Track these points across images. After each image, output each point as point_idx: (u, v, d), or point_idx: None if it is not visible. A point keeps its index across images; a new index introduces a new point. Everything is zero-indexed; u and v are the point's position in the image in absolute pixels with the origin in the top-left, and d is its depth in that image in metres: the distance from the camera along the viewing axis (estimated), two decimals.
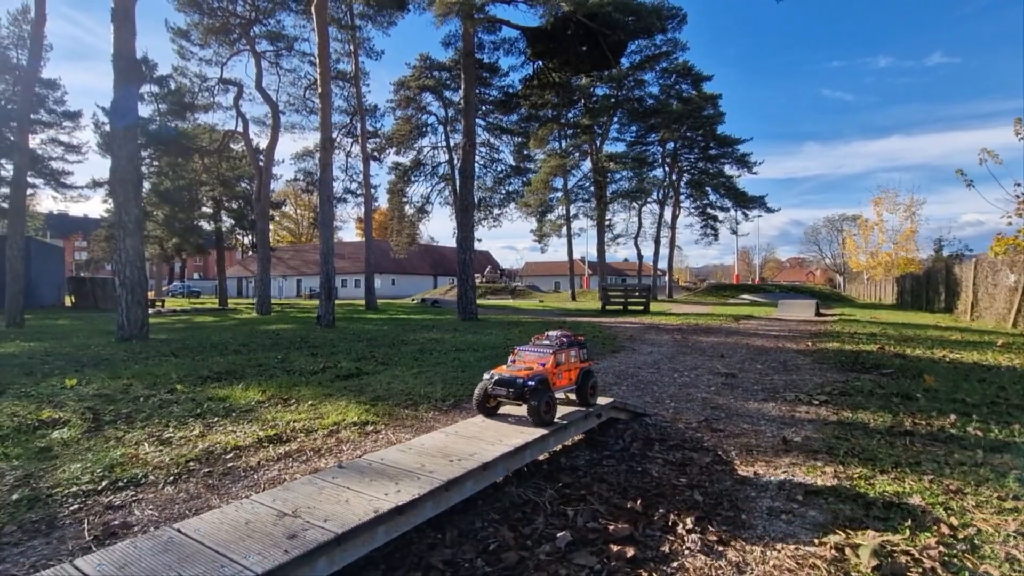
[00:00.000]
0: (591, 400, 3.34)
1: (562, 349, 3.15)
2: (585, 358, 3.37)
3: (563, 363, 3.13)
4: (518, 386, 2.88)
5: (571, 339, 3.31)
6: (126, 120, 9.52)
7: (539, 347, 3.20)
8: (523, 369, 3.00)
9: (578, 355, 3.29)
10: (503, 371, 3.03)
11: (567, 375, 3.17)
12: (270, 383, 5.07)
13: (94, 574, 1.43)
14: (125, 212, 9.50)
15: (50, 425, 3.61)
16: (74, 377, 5.19)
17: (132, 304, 9.46)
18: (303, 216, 55.90)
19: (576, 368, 3.26)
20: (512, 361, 3.21)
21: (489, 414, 3.14)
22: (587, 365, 3.38)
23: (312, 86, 23.80)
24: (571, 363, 3.21)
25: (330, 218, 13.33)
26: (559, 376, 3.08)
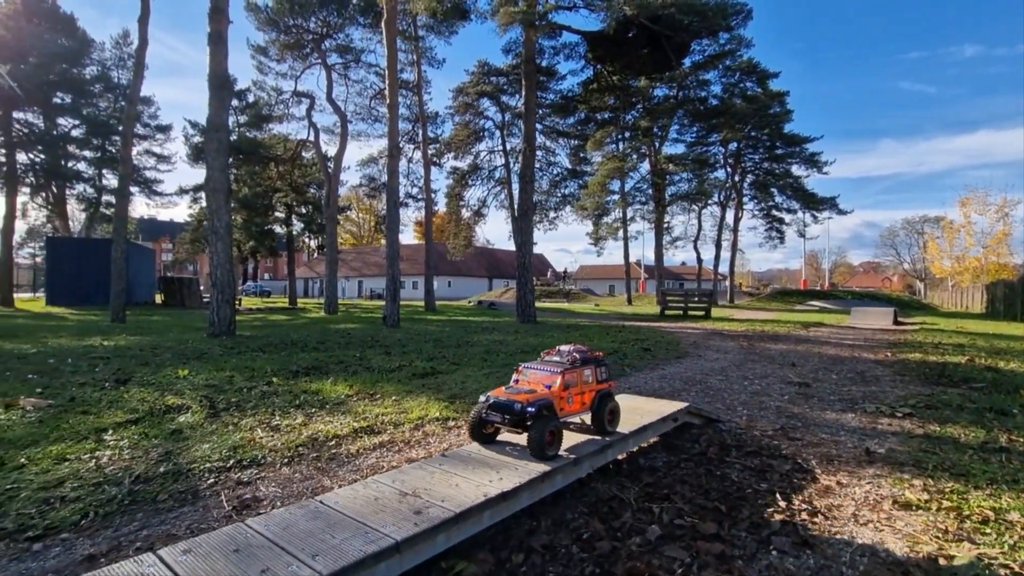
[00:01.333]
0: (608, 428, 2.86)
1: (573, 368, 2.74)
2: (604, 378, 2.93)
3: (574, 384, 2.72)
4: (516, 412, 2.45)
5: (586, 355, 2.87)
6: (219, 135, 10.38)
7: (547, 365, 2.78)
8: (524, 392, 2.57)
9: (594, 374, 2.86)
10: (501, 393, 2.61)
11: (579, 398, 2.76)
12: (355, 379, 5.45)
13: (265, 532, 1.70)
14: (217, 218, 10.36)
15: (175, 410, 4.08)
16: (184, 368, 5.78)
17: (222, 303, 10.29)
18: (364, 220, 58.16)
19: (591, 390, 2.82)
20: (515, 380, 2.82)
21: (486, 442, 2.73)
22: (605, 387, 2.91)
23: (377, 96, 24.87)
24: (585, 384, 2.78)
25: (396, 222, 13.93)
26: (568, 400, 2.68)
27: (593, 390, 2.84)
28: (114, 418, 3.80)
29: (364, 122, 25.03)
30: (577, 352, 2.85)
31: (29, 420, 3.71)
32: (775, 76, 27.72)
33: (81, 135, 23.80)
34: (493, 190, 37.91)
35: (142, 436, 3.48)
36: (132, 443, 3.34)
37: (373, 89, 24.67)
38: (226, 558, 1.55)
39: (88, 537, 2.30)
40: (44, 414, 3.86)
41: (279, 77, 23.02)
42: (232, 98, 18.40)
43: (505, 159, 37.32)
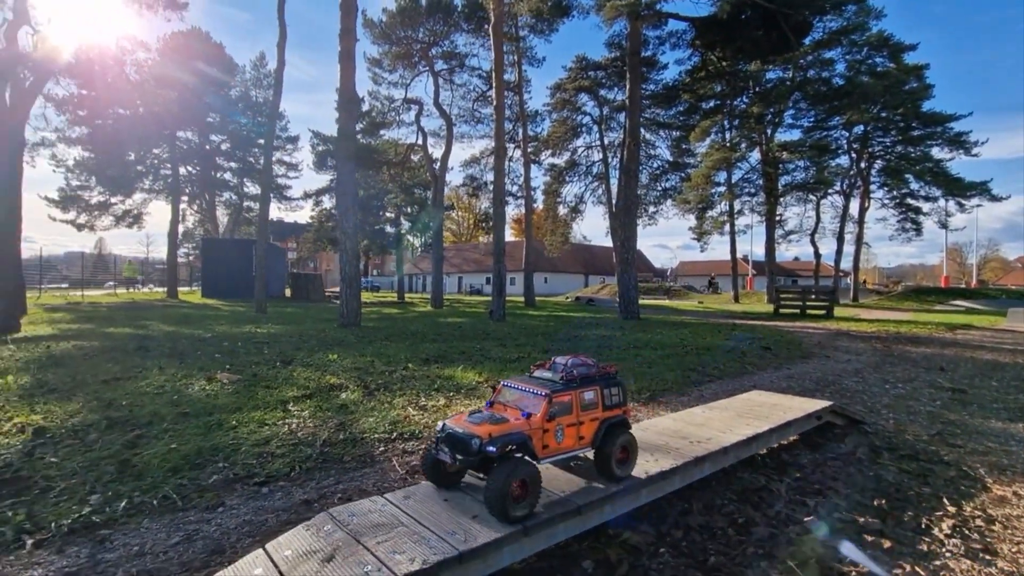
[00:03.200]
0: (618, 471, 2.11)
1: (568, 389, 2.03)
2: (615, 402, 2.18)
3: (566, 412, 2.01)
4: (471, 452, 1.80)
5: (589, 371, 2.16)
6: (348, 143, 11.42)
7: (532, 384, 2.09)
8: (489, 423, 1.89)
9: (599, 398, 2.12)
10: (459, 422, 1.96)
11: (574, 431, 2.03)
12: (481, 367, 5.83)
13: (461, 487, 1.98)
14: (346, 219, 11.40)
15: (337, 388, 4.66)
16: (333, 353, 6.52)
17: (350, 296, 11.31)
18: (464, 218, 60.34)
19: (594, 419, 2.09)
20: (489, 404, 2.18)
21: (443, 482, 2.02)
22: (617, 414, 2.17)
23: (479, 98, 25.72)
24: (585, 412, 2.07)
25: (502, 219, 14.41)
26: (557, 434, 1.97)
27: (597, 419, 2.09)
28: (291, 392, 4.43)
29: (467, 124, 26.04)
30: (577, 366, 2.14)
31: (228, 391, 4.44)
32: (911, 49, 24.77)
33: (227, 149, 27.14)
34: (591, 186, 37.62)
35: (317, 408, 4.03)
36: (311, 414, 3.89)
37: (476, 92, 25.57)
38: (440, 504, 1.85)
39: (299, 486, 2.77)
40: (237, 386, 4.60)
41: (391, 86, 24.63)
42: (359, 109, 19.98)
43: (603, 154, 36.85)
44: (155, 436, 3.28)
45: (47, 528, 2.22)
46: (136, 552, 2.10)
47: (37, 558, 2.04)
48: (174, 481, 2.70)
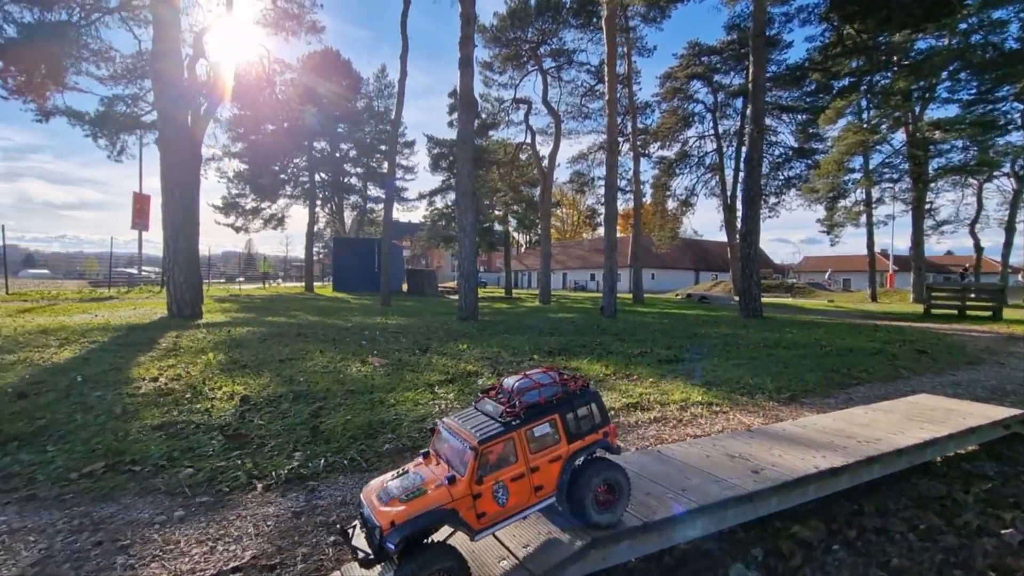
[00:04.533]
0: (599, 518, 1.61)
1: (506, 433, 1.50)
2: (587, 427, 1.64)
3: (507, 464, 1.50)
4: (373, 544, 1.40)
5: (543, 394, 1.61)
6: (467, 145, 11.99)
7: (464, 428, 1.56)
8: (396, 499, 1.43)
9: (559, 429, 1.59)
10: (371, 496, 1.50)
11: (526, 482, 1.52)
12: (606, 360, 5.90)
13: (628, 467, 2.09)
14: (464, 217, 11.99)
15: (473, 375, 4.99)
16: (463, 343, 6.95)
17: (468, 291, 11.90)
18: (568, 215, 60.35)
19: (557, 458, 1.57)
20: (424, 454, 1.69)
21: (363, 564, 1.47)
22: (591, 441, 1.64)
23: (587, 93, 25.58)
24: (538, 455, 1.54)
25: (614, 215, 14.28)
26: (498, 495, 1.47)
27: (560, 457, 1.57)
28: (434, 376, 4.83)
29: (575, 120, 26.03)
30: (525, 390, 1.62)
31: (380, 373, 4.95)
32: None
33: (353, 156, 29.65)
34: (703, 177, 35.82)
35: (460, 392, 4.36)
36: (456, 396, 4.22)
37: (584, 87, 25.48)
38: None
39: None
40: (387, 369, 5.11)
41: (500, 87, 25.36)
42: (476, 112, 20.88)
43: (717, 143, 34.90)
44: (332, 408, 3.77)
45: (269, 476, 2.68)
46: (340, 501, 2.46)
47: (267, 499, 2.48)
48: (356, 447, 3.11)
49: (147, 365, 4.99)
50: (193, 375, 4.62)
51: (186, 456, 2.88)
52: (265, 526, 2.21)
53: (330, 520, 2.26)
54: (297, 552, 1.99)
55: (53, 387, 4.03)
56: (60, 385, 4.09)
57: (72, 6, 12.12)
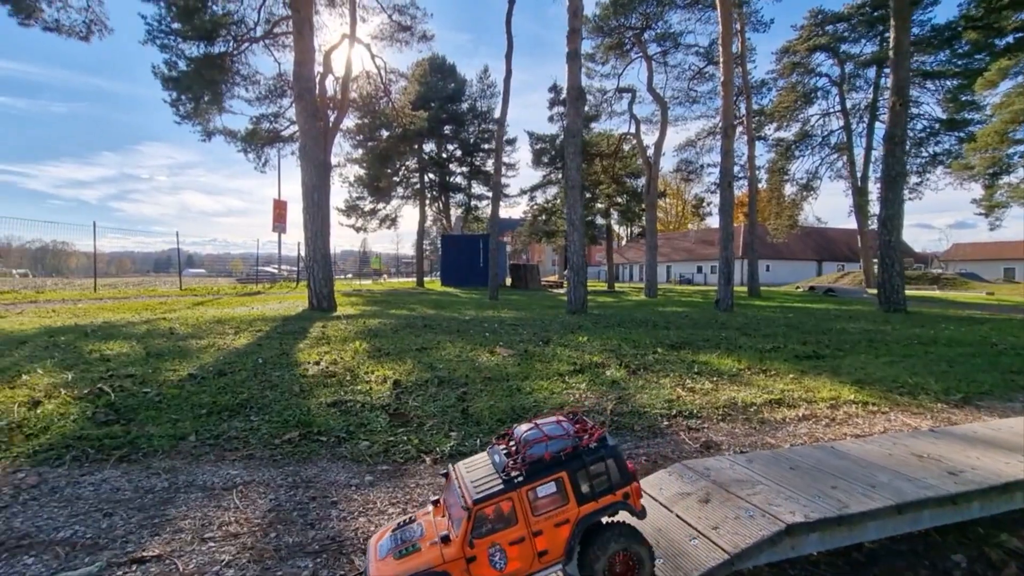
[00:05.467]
0: None
1: (504, 492, 1.33)
2: (603, 487, 1.40)
3: (507, 526, 1.33)
4: None
5: (550, 449, 1.39)
6: (575, 139, 12.00)
7: (468, 480, 1.42)
8: (391, 555, 1.37)
9: (566, 488, 1.37)
10: (373, 549, 1.45)
11: (528, 546, 1.35)
12: (737, 355, 5.68)
13: (804, 460, 2.04)
14: (573, 211, 12.03)
15: (600, 366, 5.05)
16: (582, 336, 7.04)
17: (577, 284, 11.94)
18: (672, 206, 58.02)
19: (564, 522, 1.37)
20: (434, 502, 1.57)
21: None
22: (609, 502, 1.40)
23: (696, 77, 24.39)
24: (541, 518, 1.35)
25: (730, 204, 13.54)
26: (494, 559, 1.33)
27: (568, 520, 1.37)
28: (563, 367, 4.96)
29: (682, 106, 24.96)
30: (533, 442, 1.43)
31: (510, 363, 5.17)
32: None
33: (459, 156, 30.84)
34: (827, 159, 32.74)
35: (590, 382, 4.45)
36: (587, 386, 4.31)
37: (691, 71, 24.33)
38: (787, 470, 1.94)
39: None
40: (515, 359, 5.33)
41: (603, 78, 24.98)
42: (584, 106, 20.84)
43: (844, 120, 31.74)
44: (475, 394, 4.03)
45: (434, 452, 2.95)
46: None
47: (437, 471, 2.73)
48: (504, 430, 3.30)
49: (307, 351, 5.65)
50: (347, 360, 5.15)
51: (361, 430, 3.25)
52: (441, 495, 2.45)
53: None
54: None
55: (242, 367, 4.72)
56: (247, 366, 4.78)
57: (228, 38, 13.89)
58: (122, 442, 2.93)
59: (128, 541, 1.93)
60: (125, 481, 2.49)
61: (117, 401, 3.59)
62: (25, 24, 11.60)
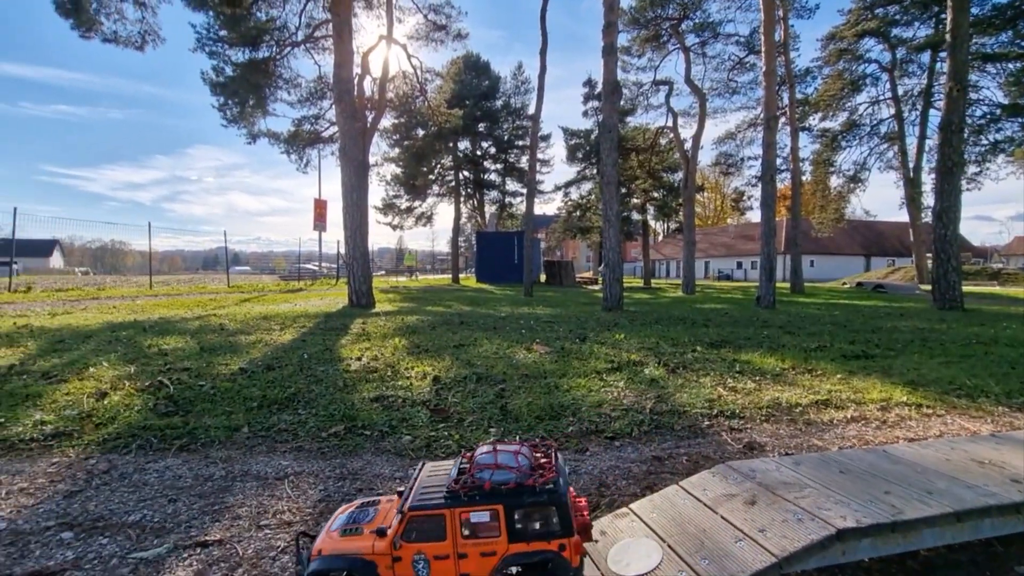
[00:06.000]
0: None
1: (440, 507, 1.34)
2: (538, 531, 1.34)
3: (435, 539, 1.34)
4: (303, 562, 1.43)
5: (509, 482, 1.36)
6: (611, 134, 11.88)
7: (434, 479, 1.48)
8: (336, 532, 1.44)
9: (499, 522, 1.33)
10: (333, 519, 1.53)
11: (451, 565, 1.34)
12: (781, 354, 5.53)
13: (856, 464, 1.99)
14: (609, 208, 11.91)
15: (638, 364, 5.01)
16: (619, 333, 6.98)
17: (613, 281, 11.83)
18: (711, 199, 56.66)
19: (492, 554, 1.34)
20: (397, 494, 1.52)
21: None
22: (542, 549, 1.34)
23: (736, 67, 23.71)
24: (469, 542, 1.34)
25: (772, 197, 13.14)
26: (418, 567, 1.34)
27: (495, 553, 1.34)
28: (600, 365, 4.94)
29: (721, 97, 24.30)
30: (486, 466, 1.43)
31: (547, 360, 5.19)
32: None
33: (493, 153, 30.95)
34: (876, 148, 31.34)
35: (629, 381, 4.42)
36: (625, 384, 4.28)
37: (731, 61, 23.65)
38: (837, 474, 1.90)
39: (644, 444, 3.12)
40: (552, 356, 5.34)
41: (639, 71, 24.56)
42: (620, 100, 20.59)
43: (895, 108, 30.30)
44: (513, 391, 4.07)
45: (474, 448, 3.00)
46: None
47: None
48: (543, 427, 3.33)
49: (349, 347, 5.81)
50: (387, 356, 5.28)
51: (403, 425, 3.33)
52: None
53: None
54: None
55: (288, 362, 4.90)
56: (293, 361, 4.96)
57: (271, 43, 14.34)
58: (182, 432, 3.10)
59: (191, 526, 2.05)
60: (186, 469, 2.64)
61: (176, 393, 3.79)
62: (86, 36, 12.27)
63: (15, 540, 1.90)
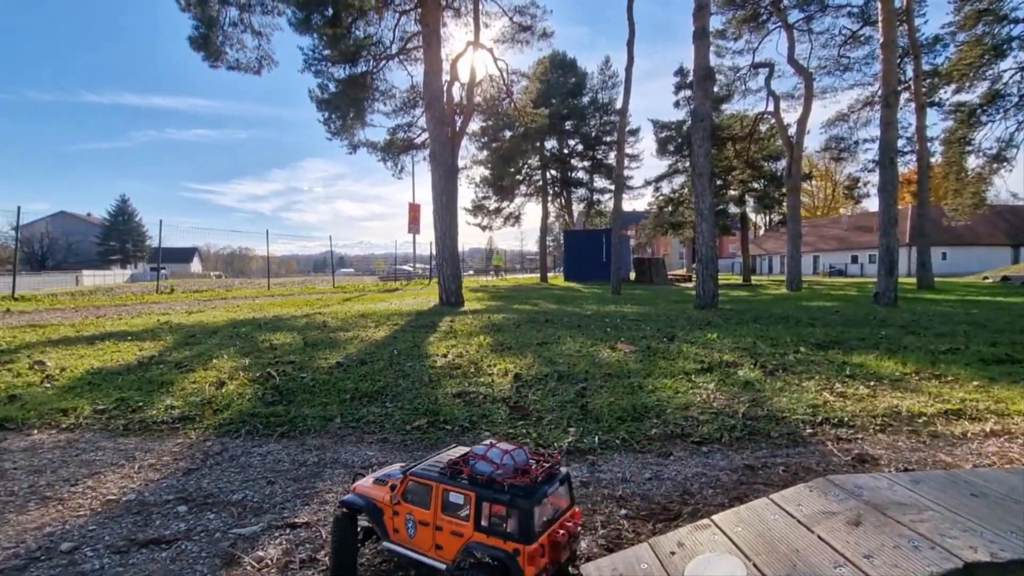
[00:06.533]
0: None
1: (432, 479, 1.49)
2: (500, 530, 1.37)
3: (422, 506, 1.50)
4: None
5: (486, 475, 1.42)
6: (703, 123, 11.26)
7: (448, 455, 1.63)
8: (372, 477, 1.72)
9: (471, 509, 1.41)
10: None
11: (430, 533, 1.48)
12: (902, 357, 4.92)
13: (990, 486, 1.69)
14: (702, 200, 11.31)
15: (731, 365, 4.69)
16: (712, 332, 6.60)
17: (706, 277, 11.21)
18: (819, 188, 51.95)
19: (458, 535, 1.43)
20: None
21: None
22: (499, 547, 1.36)
23: (848, 41, 21.54)
24: (445, 518, 1.46)
25: (894, 184, 11.75)
26: (407, 524, 1.51)
27: (461, 536, 1.43)
28: (689, 365, 4.69)
29: (830, 75, 22.17)
30: (475, 455, 1.50)
31: (631, 359, 5.02)
32: None
33: (580, 150, 30.64)
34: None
35: (720, 382, 4.14)
36: (716, 387, 4.02)
37: (842, 36, 21.51)
38: (967, 496, 1.62)
39: (735, 451, 2.89)
40: (637, 356, 5.15)
41: (735, 55, 23.09)
42: (713, 86, 19.56)
43: None
44: (594, 390, 3.97)
45: (552, 446, 2.95)
46: (621, 478, 2.57)
47: None
48: (624, 428, 3.21)
49: (436, 344, 6.01)
50: (471, 353, 5.39)
51: (483, 421, 3.37)
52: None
53: (617, 494, 2.38)
54: (595, 519, 2.15)
55: (380, 358, 5.16)
56: (384, 356, 5.22)
57: (368, 58, 15.26)
58: (284, 420, 3.36)
59: (284, 507, 2.21)
60: (285, 454, 2.86)
61: (281, 384, 4.13)
62: (214, 66, 13.83)
63: (141, 510, 2.16)
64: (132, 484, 2.44)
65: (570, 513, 1.53)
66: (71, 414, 3.47)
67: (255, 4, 13.31)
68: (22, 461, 2.73)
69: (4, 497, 2.29)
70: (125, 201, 66.46)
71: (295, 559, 1.77)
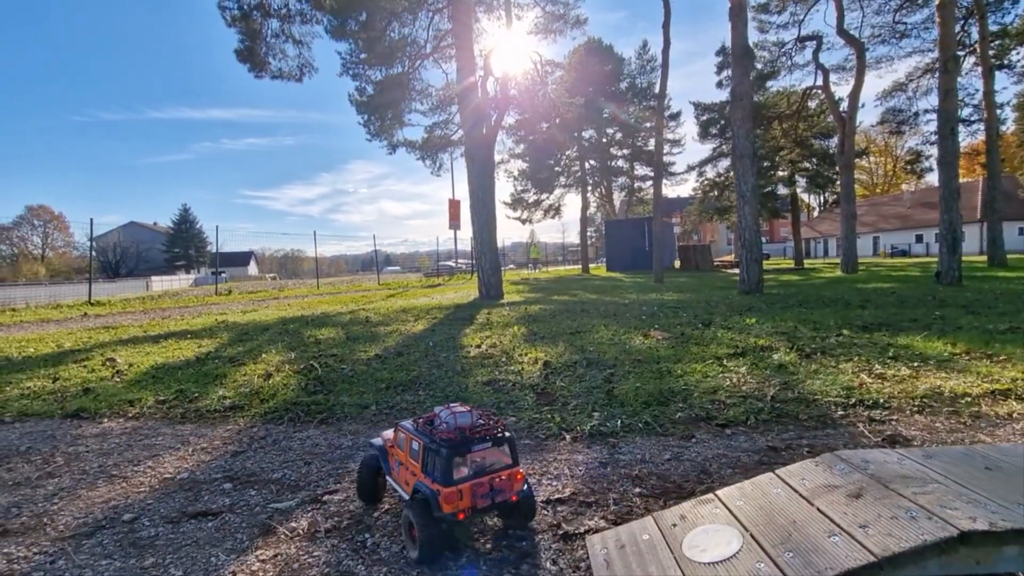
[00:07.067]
0: (409, 550, 1.74)
1: (408, 430, 1.88)
2: (432, 474, 1.69)
3: (400, 448, 1.92)
4: None
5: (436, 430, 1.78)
6: (743, 103, 10.89)
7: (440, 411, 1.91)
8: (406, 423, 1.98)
9: (420, 456, 1.76)
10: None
11: (405, 471, 1.86)
12: (953, 336, 4.67)
13: (1008, 461, 1.64)
14: (744, 182, 10.97)
15: (766, 349, 4.59)
16: (751, 318, 6.45)
17: (751, 262, 10.88)
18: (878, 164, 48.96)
19: (413, 475, 1.80)
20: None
21: None
22: (428, 488, 1.67)
23: (902, 7, 20.19)
24: (410, 460, 1.83)
25: (955, 155, 11.00)
26: (396, 463, 1.97)
27: (415, 475, 1.78)
28: (722, 350, 4.62)
29: (884, 44, 20.87)
30: (444, 416, 1.81)
31: (664, 346, 4.99)
32: None
33: (619, 138, 30.15)
34: None
35: (752, 366, 4.07)
36: (748, 370, 3.96)
37: (896, 1, 20.15)
38: (980, 470, 1.59)
39: (760, 434, 2.87)
40: (670, 342, 5.12)
41: (779, 30, 22.06)
42: (752, 64, 18.86)
43: None
44: (622, 376, 3.99)
45: (575, 430, 3.02)
46: (640, 459, 2.61)
47: (576, 448, 2.80)
48: (649, 412, 3.23)
49: (471, 335, 6.16)
50: (505, 343, 5.50)
51: (509, 407, 3.47)
52: (577, 470, 2.51)
53: (633, 473, 2.43)
54: (608, 496, 2.21)
55: (416, 349, 5.36)
56: (420, 348, 5.42)
57: (403, 59, 15.58)
58: (323, 408, 3.58)
59: (318, 485, 2.38)
60: (322, 439, 3.05)
61: (322, 375, 4.38)
62: (259, 76, 14.48)
63: (192, 487, 2.39)
64: (186, 464, 2.69)
65: (508, 472, 1.75)
66: (136, 404, 3.82)
67: (295, 14, 13.83)
68: (94, 445, 3.05)
69: (77, 475, 2.59)
70: (187, 210, 70.47)
71: (321, 529, 1.93)
